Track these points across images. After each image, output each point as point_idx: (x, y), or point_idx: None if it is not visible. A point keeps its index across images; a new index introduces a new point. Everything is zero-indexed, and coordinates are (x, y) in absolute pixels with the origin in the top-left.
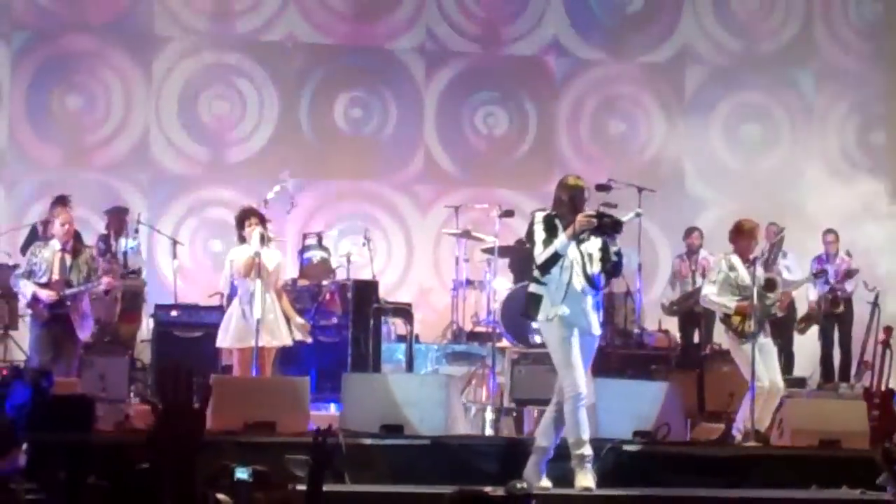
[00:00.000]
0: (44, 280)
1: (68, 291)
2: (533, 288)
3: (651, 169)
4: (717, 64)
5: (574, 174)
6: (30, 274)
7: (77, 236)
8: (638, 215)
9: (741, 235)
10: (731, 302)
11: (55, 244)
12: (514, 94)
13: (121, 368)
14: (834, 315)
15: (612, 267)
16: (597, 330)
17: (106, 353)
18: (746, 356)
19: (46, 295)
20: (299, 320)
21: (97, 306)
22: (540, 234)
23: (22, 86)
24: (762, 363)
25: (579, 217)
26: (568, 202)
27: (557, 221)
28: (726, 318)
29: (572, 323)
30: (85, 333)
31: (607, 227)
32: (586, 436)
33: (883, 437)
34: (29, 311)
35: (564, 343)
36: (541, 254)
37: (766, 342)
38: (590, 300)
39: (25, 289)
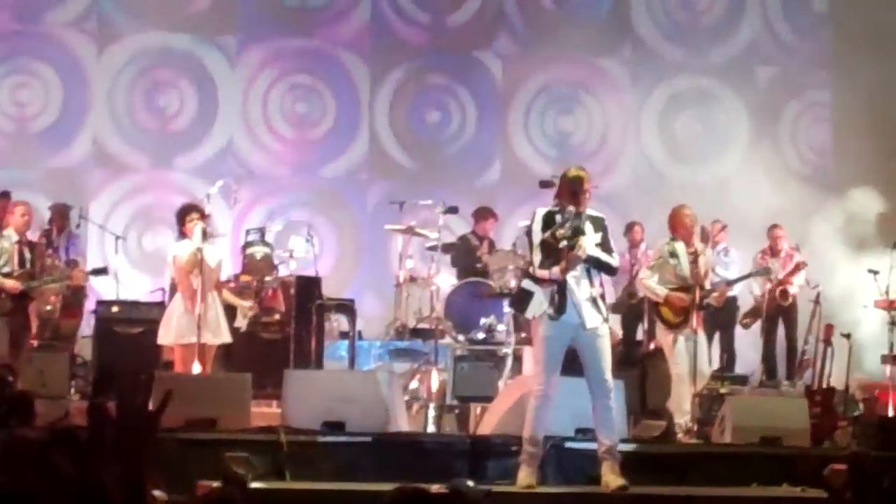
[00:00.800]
0: (6, 270)
1: (33, 284)
2: (525, 284)
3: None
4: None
5: (576, 165)
6: None
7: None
8: None
9: (681, 223)
10: (662, 290)
11: (12, 235)
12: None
13: (61, 365)
14: (780, 311)
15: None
16: (593, 323)
17: (46, 348)
18: (671, 345)
19: (12, 284)
20: (245, 303)
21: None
22: (537, 234)
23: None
24: (688, 353)
25: (570, 254)
26: (568, 194)
27: (558, 217)
28: (655, 306)
29: (559, 322)
30: (34, 327)
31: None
32: (539, 434)
33: (824, 435)
34: None
35: (542, 342)
36: (535, 264)
37: (696, 333)
38: (584, 295)
39: None
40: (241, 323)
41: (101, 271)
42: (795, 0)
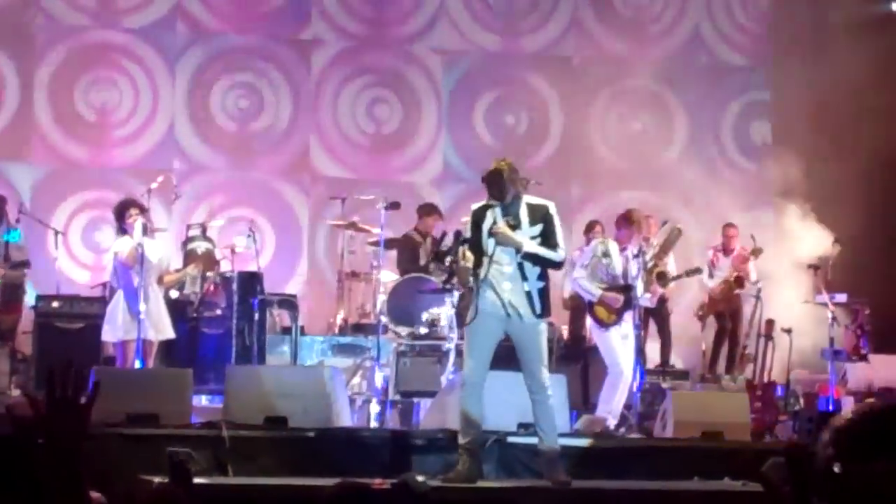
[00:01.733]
0: None
1: None
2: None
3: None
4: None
5: (501, 158)
6: None
7: None
8: None
9: (627, 224)
10: (597, 290)
11: None
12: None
13: (1, 360)
14: (727, 305)
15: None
16: (528, 315)
17: None
18: (606, 343)
19: None
20: (190, 271)
21: None
22: (467, 231)
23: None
24: (624, 351)
25: (459, 269)
26: (491, 189)
27: (489, 212)
28: (590, 305)
29: (486, 312)
30: None
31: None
32: (463, 428)
33: (764, 429)
34: None
35: (468, 330)
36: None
37: (630, 331)
38: (515, 287)
39: None
40: (193, 288)
41: (21, 265)
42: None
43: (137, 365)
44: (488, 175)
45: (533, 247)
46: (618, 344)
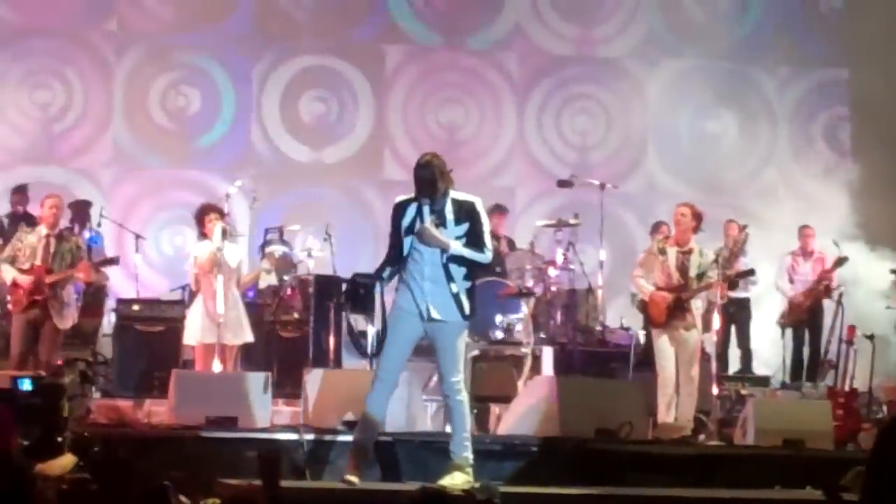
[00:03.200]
0: (27, 266)
1: (48, 279)
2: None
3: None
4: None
5: (427, 152)
6: (13, 259)
7: (68, 228)
8: None
9: (675, 221)
10: (648, 288)
11: (42, 229)
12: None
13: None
14: (809, 312)
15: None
16: (453, 317)
17: (68, 347)
18: (654, 343)
19: (25, 281)
20: (264, 266)
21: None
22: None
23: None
24: (672, 354)
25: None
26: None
27: (410, 208)
28: (642, 304)
29: (404, 310)
30: (65, 323)
31: None
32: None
33: (847, 437)
34: (9, 298)
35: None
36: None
37: (685, 333)
38: (438, 289)
39: (6, 274)
40: (268, 279)
41: (110, 261)
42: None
43: (216, 368)
44: (419, 170)
45: (459, 248)
46: (663, 345)
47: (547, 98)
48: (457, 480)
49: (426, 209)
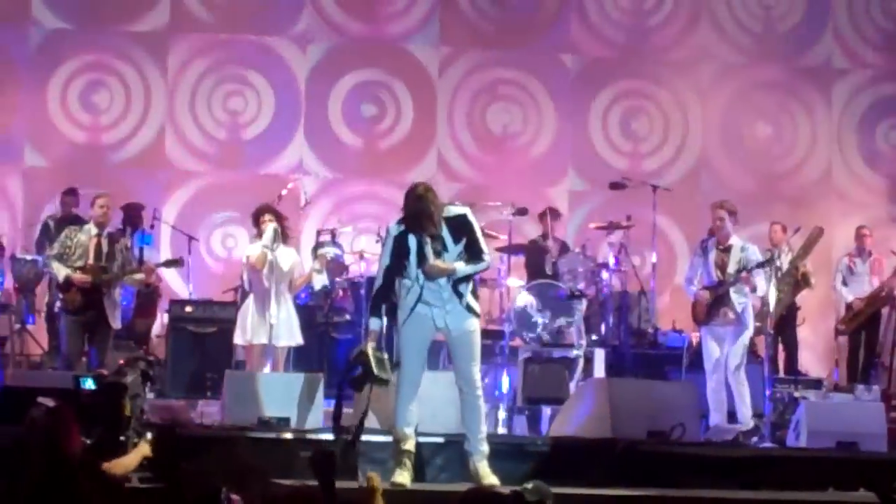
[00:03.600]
0: (79, 264)
1: (104, 277)
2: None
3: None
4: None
5: (414, 184)
6: (62, 256)
7: (116, 228)
8: None
9: (734, 218)
10: (692, 288)
11: (91, 229)
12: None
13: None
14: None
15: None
16: (460, 328)
17: (121, 348)
18: (703, 345)
19: (80, 278)
20: (314, 265)
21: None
22: (385, 253)
23: None
24: (716, 352)
25: None
26: (410, 219)
27: (410, 238)
28: (693, 305)
29: (418, 317)
30: (116, 323)
31: None
32: (401, 427)
33: None
34: (59, 295)
35: (401, 331)
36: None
37: (724, 329)
38: (453, 307)
39: (59, 271)
40: (322, 282)
41: (174, 263)
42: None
43: (267, 369)
44: (416, 203)
45: (464, 269)
46: (709, 344)
47: (603, 100)
48: (494, 478)
49: (429, 242)
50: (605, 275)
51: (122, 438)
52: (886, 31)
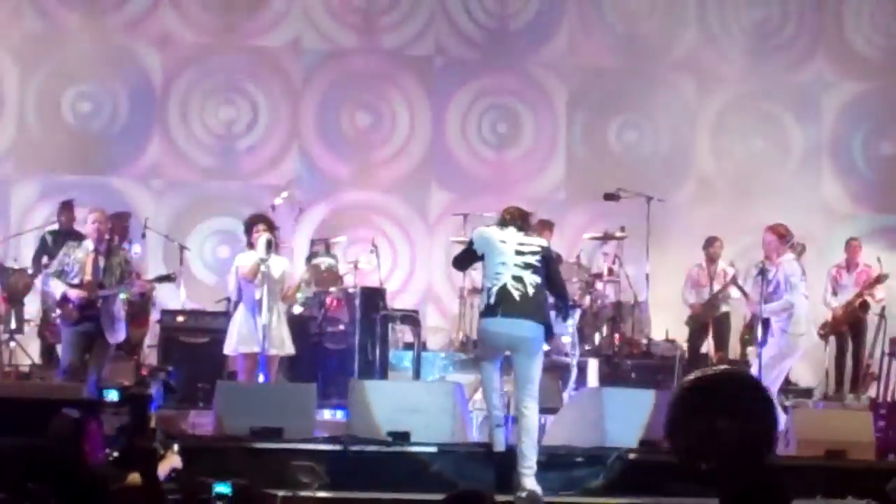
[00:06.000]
0: (76, 280)
1: (101, 293)
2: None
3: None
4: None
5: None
6: (61, 273)
7: (115, 242)
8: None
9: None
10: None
11: (88, 245)
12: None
13: (128, 374)
14: (850, 324)
15: None
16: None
17: (113, 357)
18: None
19: (76, 295)
20: (302, 275)
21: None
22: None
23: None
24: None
25: None
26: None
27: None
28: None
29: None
30: (116, 337)
31: None
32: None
33: (888, 448)
34: (58, 311)
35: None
36: None
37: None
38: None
39: (56, 288)
40: (307, 294)
41: (166, 278)
42: None
43: (260, 379)
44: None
45: None
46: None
47: (593, 110)
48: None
49: None
50: (598, 285)
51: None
52: None
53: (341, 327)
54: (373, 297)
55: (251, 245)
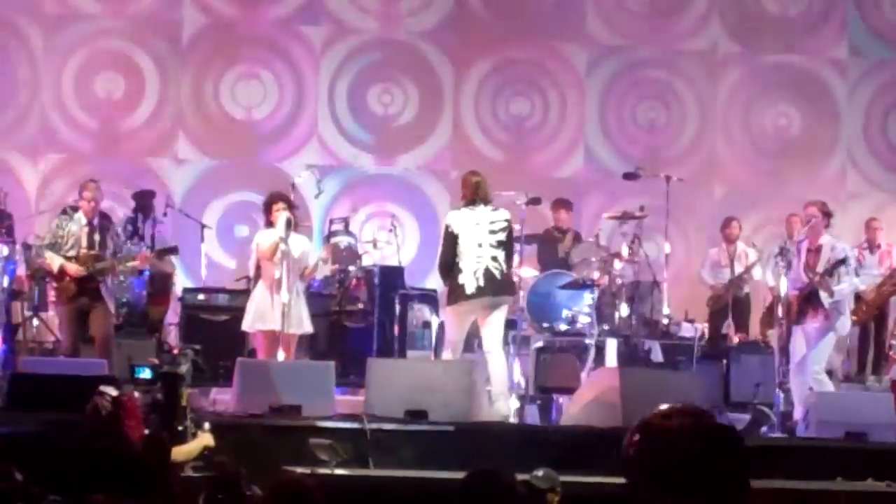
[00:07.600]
0: (71, 253)
1: (98, 265)
2: None
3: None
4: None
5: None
6: (54, 245)
7: (104, 214)
8: None
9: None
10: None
11: (81, 218)
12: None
13: (148, 352)
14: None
15: None
16: None
17: (134, 335)
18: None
19: (75, 269)
20: (321, 254)
21: (126, 289)
22: None
23: None
24: (802, 347)
25: None
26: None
27: None
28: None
29: None
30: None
31: None
32: None
33: None
34: (54, 285)
35: None
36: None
37: (814, 328)
38: None
39: (52, 261)
40: (325, 271)
41: (170, 251)
42: None
43: (280, 357)
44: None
45: None
46: (797, 342)
47: (615, 88)
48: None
49: None
50: (617, 265)
51: (179, 429)
52: None
53: (360, 306)
54: (391, 275)
55: (270, 224)
